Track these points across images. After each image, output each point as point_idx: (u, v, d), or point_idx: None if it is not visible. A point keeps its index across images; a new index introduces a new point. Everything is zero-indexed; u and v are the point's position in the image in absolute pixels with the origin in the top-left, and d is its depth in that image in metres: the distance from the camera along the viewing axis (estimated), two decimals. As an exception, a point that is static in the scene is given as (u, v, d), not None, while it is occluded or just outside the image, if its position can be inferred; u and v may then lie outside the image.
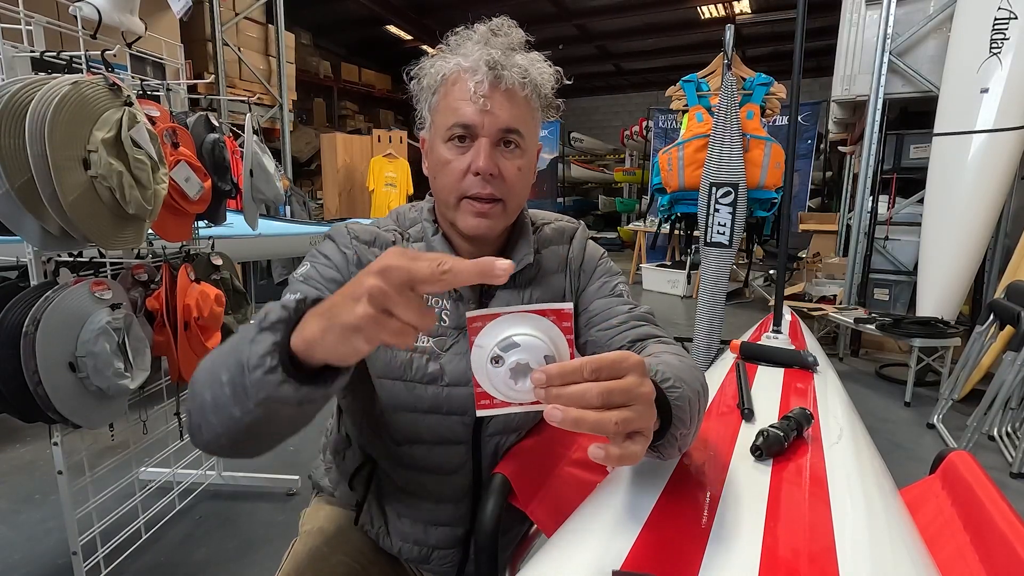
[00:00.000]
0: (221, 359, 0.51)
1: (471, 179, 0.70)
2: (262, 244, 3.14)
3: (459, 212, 0.73)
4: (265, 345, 0.45)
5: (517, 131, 0.71)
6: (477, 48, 0.70)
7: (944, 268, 3.35)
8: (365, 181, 6.02)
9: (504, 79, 0.69)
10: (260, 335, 0.46)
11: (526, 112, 0.72)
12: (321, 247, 0.79)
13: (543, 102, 0.75)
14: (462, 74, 0.70)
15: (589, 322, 0.84)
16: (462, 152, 0.71)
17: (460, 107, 0.69)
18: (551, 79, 0.75)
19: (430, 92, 0.74)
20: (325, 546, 0.82)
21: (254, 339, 0.46)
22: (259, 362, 0.45)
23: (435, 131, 0.73)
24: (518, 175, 0.73)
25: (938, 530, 0.63)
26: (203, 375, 0.53)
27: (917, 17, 3.67)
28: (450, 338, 0.77)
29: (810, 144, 6.24)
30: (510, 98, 0.70)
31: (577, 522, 0.63)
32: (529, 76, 0.71)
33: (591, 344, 0.83)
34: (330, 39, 9.05)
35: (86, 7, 1.44)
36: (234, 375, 0.48)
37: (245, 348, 0.47)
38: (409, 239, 0.80)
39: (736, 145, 2.47)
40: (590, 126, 12.48)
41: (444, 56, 0.72)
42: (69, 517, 1.42)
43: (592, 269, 0.87)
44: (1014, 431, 2.50)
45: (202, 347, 1.70)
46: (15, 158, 1.11)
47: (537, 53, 0.74)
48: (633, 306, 0.83)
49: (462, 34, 0.73)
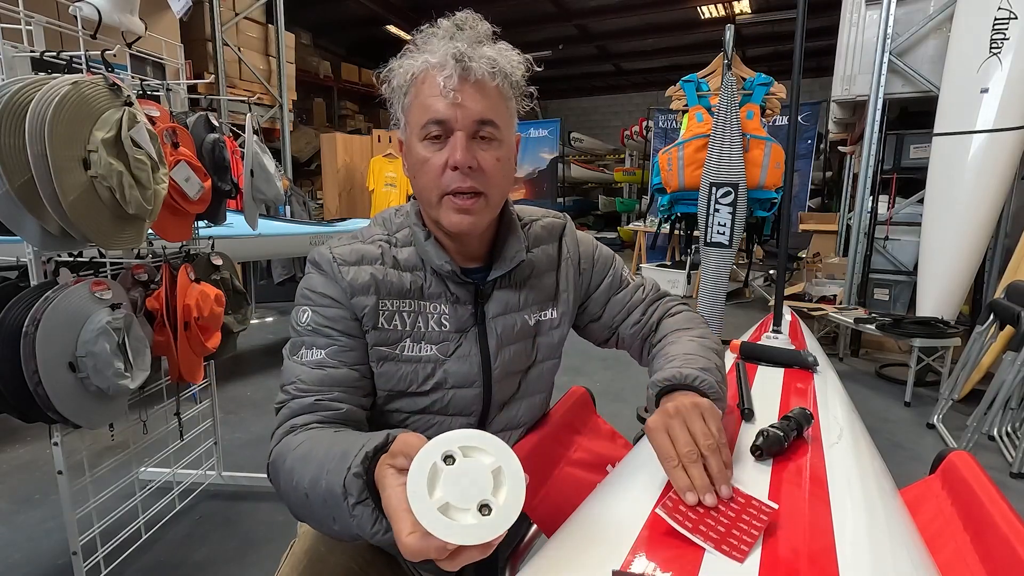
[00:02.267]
0: (319, 510, 0.59)
1: (450, 174, 0.70)
2: (262, 244, 3.14)
3: (442, 209, 0.72)
4: (368, 517, 0.54)
5: (491, 122, 0.70)
6: (443, 43, 0.69)
7: (944, 268, 3.35)
8: (365, 181, 6.02)
9: (472, 71, 0.68)
10: (356, 509, 0.54)
11: (499, 102, 0.72)
12: (311, 283, 0.76)
13: (516, 91, 0.74)
14: (430, 71, 0.69)
15: (613, 321, 0.91)
16: (439, 148, 0.70)
17: (431, 103, 0.68)
18: (521, 67, 0.74)
19: (401, 92, 0.73)
20: (323, 546, 0.82)
21: (352, 513, 0.55)
22: (374, 529, 0.54)
23: (410, 130, 0.73)
24: (497, 166, 0.72)
25: (938, 530, 0.63)
26: (301, 507, 0.63)
27: (917, 17, 3.66)
28: (452, 342, 0.77)
29: (810, 144, 6.24)
30: (480, 89, 0.69)
31: (577, 522, 0.63)
32: (498, 66, 0.70)
33: (622, 340, 0.92)
34: (330, 39, 9.04)
35: (86, 7, 1.44)
36: (350, 532, 0.57)
37: (346, 517, 0.55)
38: (397, 244, 0.79)
39: (736, 145, 2.47)
40: (590, 126, 12.48)
41: (411, 55, 0.71)
42: (69, 517, 1.42)
43: (592, 264, 0.91)
44: (1014, 431, 2.50)
45: (202, 347, 1.70)
46: (15, 158, 1.11)
47: (505, 43, 0.73)
48: (639, 287, 0.92)
49: (427, 31, 0.72)
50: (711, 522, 0.55)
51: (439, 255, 0.76)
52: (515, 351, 0.81)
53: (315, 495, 0.59)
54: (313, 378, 0.72)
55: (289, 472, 0.63)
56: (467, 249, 0.79)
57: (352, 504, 0.54)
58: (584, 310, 0.91)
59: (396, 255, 0.78)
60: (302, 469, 0.62)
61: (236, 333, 1.97)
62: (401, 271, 0.77)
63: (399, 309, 0.76)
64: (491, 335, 0.79)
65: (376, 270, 0.75)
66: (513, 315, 0.81)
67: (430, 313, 0.77)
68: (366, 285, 0.74)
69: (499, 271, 0.79)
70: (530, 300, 0.82)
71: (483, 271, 0.80)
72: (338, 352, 0.74)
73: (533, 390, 0.86)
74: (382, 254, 0.77)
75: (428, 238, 0.77)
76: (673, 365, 0.74)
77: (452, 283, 0.77)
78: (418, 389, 0.77)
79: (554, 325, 0.85)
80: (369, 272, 0.75)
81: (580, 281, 0.88)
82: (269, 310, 4.83)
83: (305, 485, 0.60)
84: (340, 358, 0.73)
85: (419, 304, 0.77)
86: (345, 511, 0.55)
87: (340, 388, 0.72)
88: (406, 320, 0.76)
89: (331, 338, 0.74)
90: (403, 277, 0.77)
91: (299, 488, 0.61)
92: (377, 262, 0.76)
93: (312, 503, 0.60)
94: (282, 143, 5.21)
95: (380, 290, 0.75)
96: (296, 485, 0.62)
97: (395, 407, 0.79)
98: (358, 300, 0.74)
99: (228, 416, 2.68)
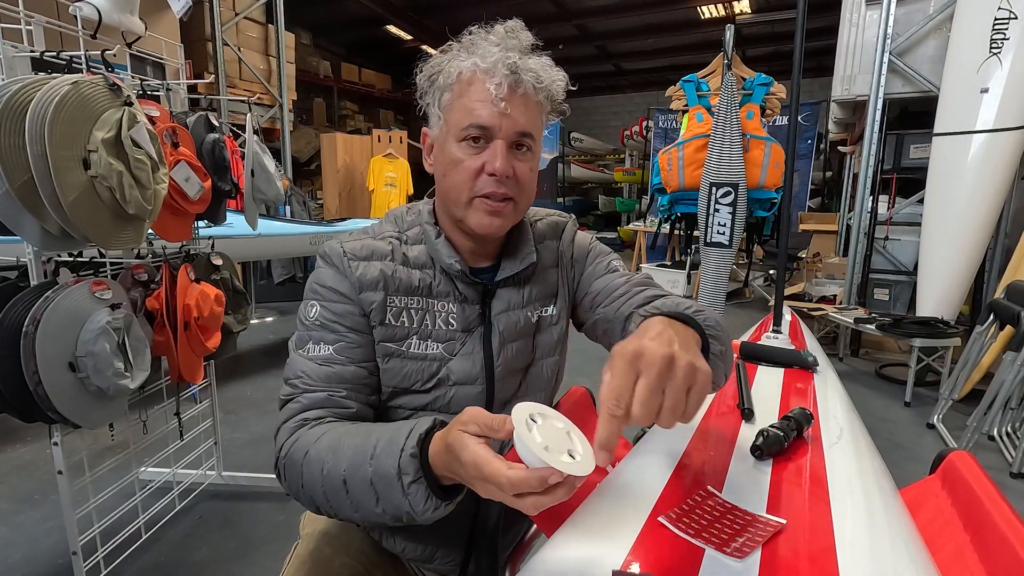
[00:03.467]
0: (361, 492, 0.61)
1: (485, 179, 0.71)
2: (262, 244, 3.14)
3: (471, 210, 0.73)
4: (422, 495, 0.57)
5: (531, 134, 0.72)
6: (495, 50, 0.70)
7: (944, 268, 3.35)
8: (365, 181, 6.02)
9: (522, 84, 0.70)
10: (411, 487, 0.57)
11: (538, 116, 0.74)
12: (320, 277, 0.76)
13: (550, 106, 0.76)
14: (479, 74, 0.69)
15: (593, 302, 0.87)
16: (476, 152, 0.71)
17: (477, 108, 0.69)
18: (562, 84, 0.75)
19: (442, 90, 0.73)
20: (328, 548, 0.82)
21: (407, 491, 0.57)
22: (427, 506, 0.57)
23: (447, 129, 0.73)
24: (530, 176, 0.74)
25: (938, 530, 0.63)
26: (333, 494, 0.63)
27: (917, 17, 3.67)
28: (458, 341, 0.78)
29: (810, 144, 6.24)
30: (526, 103, 0.71)
31: (577, 522, 0.63)
32: (544, 82, 0.72)
33: (600, 322, 0.86)
34: (330, 39, 9.04)
35: (86, 7, 1.44)
36: (397, 512, 0.59)
37: (397, 497, 0.58)
38: (408, 241, 0.79)
39: (736, 145, 2.47)
40: (590, 126, 12.47)
41: (459, 55, 0.72)
42: (69, 517, 1.42)
43: (584, 256, 0.90)
44: (1014, 431, 2.50)
45: (202, 347, 1.70)
46: (15, 158, 1.11)
47: (547, 58, 0.75)
48: (629, 276, 0.87)
49: (477, 34, 0.73)
50: (715, 531, 0.55)
51: (449, 254, 0.76)
52: (517, 348, 0.81)
53: (357, 480, 0.61)
54: (320, 374, 0.72)
55: (317, 462, 0.64)
56: (482, 248, 0.79)
57: (408, 483, 0.57)
58: (572, 299, 0.92)
59: (406, 252, 0.78)
60: (334, 458, 0.63)
61: (236, 333, 1.97)
62: (411, 268, 0.77)
63: (407, 306, 0.76)
64: (495, 333, 0.79)
65: (386, 266, 0.76)
66: (516, 312, 0.81)
67: (438, 311, 0.77)
68: (375, 280, 0.74)
69: (509, 271, 0.80)
70: (533, 296, 0.83)
71: (491, 270, 0.81)
72: (345, 348, 0.73)
73: (534, 388, 0.85)
74: (392, 251, 0.77)
75: (439, 236, 0.77)
76: (666, 303, 0.74)
77: (461, 283, 0.78)
78: (421, 387, 0.77)
79: (553, 322, 0.85)
80: (379, 268, 0.75)
81: (572, 274, 0.89)
82: (269, 310, 4.83)
83: (343, 471, 0.61)
84: (347, 355, 0.73)
85: (427, 302, 0.77)
86: (398, 491, 0.58)
87: (348, 386, 0.73)
88: (413, 317, 0.76)
89: (339, 334, 0.74)
90: (412, 274, 0.77)
91: (332, 476, 0.62)
92: (387, 258, 0.76)
93: (352, 489, 0.61)
94: (282, 143, 5.21)
95: (388, 286, 0.75)
96: (328, 474, 0.62)
97: (398, 403, 0.79)
98: (366, 295, 0.74)
99: (228, 416, 2.68)
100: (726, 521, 0.57)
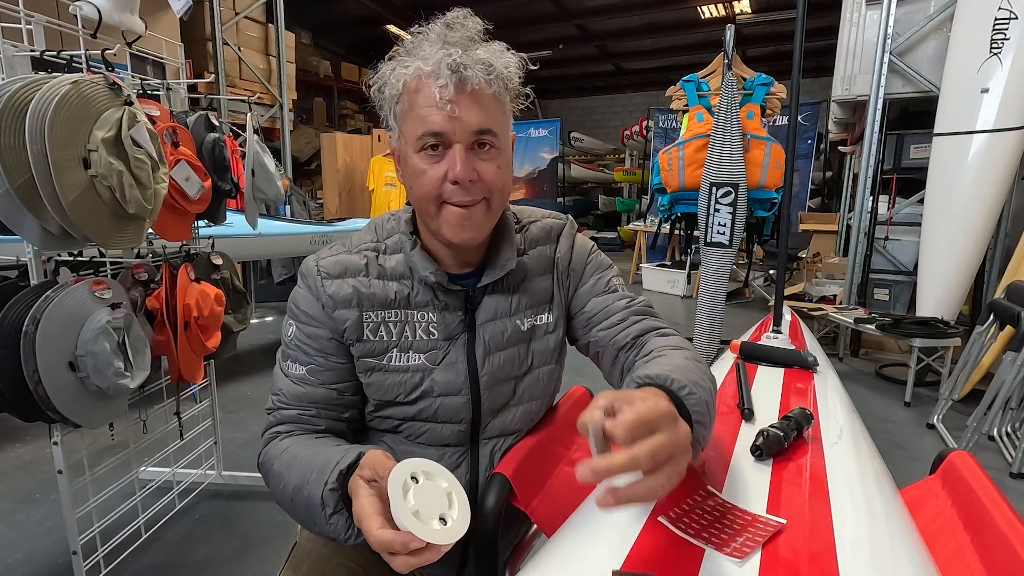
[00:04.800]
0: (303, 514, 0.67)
1: (449, 187, 0.68)
2: (262, 244, 3.14)
3: (441, 220, 0.70)
4: (342, 525, 0.63)
5: (490, 131, 0.68)
6: (435, 49, 0.65)
7: (944, 268, 3.35)
8: (365, 181, 6.01)
9: (469, 80, 0.64)
10: (332, 518, 0.63)
11: (496, 109, 0.69)
12: (296, 297, 0.78)
13: (511, 93, 0.71)
14: (423, 79, 0.65)
15: (588, 322, 0.83)
16: (436, 160, 0.67)
17: (427, 115, 0.65)
18: (518, 69, 0.70)
19: (393, 101, 0.69)
20: (325, 548, 0.82)
21: (329, 521, 0.63)
22: (348, 534, 0.63)
23: (404, 140, 0.70)
24: (497, 174, 0.70)
25: (938, 530, 0.63)
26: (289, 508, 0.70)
27: (917, 17, 3.66)
28: (440, 350, 0.76)
29: (810, 144, 6.24)
30: (478, 99, 0.66)
31: (577, 522, 0.63)
32: (495, 71, 0.66)
33: (593, 344, 0.83)
34: (330, 39, 9.04)
35: (86, 6, 1.43)
36: (332, 535, 0.64)
37: (324, 524, 0.64)
38: (386, 251, 0.77)
39: (736, 145, 2.47)
40: (590, 126, 12.47)
41: (402, 62, 0.68)
42: (69, 517, 1.42)
43: (583, 267, 0.85)
44: (1014, 431, 2.50)
45: (202, 347, 1.70)
46: (15, 157, 1.11)
47: (499, 43, 0.70)
48: (630, 299, 0.83)
49: (417, 35, 0.69)
50: (714, 531, 0.55)
51: (425, 265, 0.74)
52: (505, 357, 0.79)
53: (298, 501, 0.66)
54: (294, 393, 0.77)
55: (277, 476, 0.71)
56: (462, 255, 0.77)
57: (329, 514, 0.62)
58: (567, 309, 0.87)
59: (383, 263, 0.76)
60: (287, 475, 0.69)
61: (236, 333, 1.97)
62: (387, 280, 0.76)
63: (384, 320, 0.75)
64: (479, 342, 0.77)
65: (359, 282, 0.75)
66: (503, 321, 0.79)
67: (417, 322, 0.76)
68: (348, 298, 0.74)
69: (489, 278, 0.77)
70: (523, 305, 0.80)
71: (475, 276, 0.78)
72: (316, 371, 0.76)
73: (529, 397, 0.83)
74: (367, 265, 0.76)
75: (415, 247, 0.75)
76: (662, 366, 0.65)
77: (440, 291, 0.76)
78: (405, 399, 0.76)
79: (549, 330, 0.83)
80: (351, 285, 0.74)
81: (569, 282, 0.85)
82: (269, 310, 4.83)
83: (290, 491, 0.68)
84: (318, 377, 0.76)
85: (406, 313, 0.76)
86: (323, 518, 0.63)
87: (318, 406, 0.77)
88: (392, 330, 0.75)
89: (310, 356, 0.76)
90: (388, 287, 0.75)
91: (285, 492, 0.69)
92: (360, 274, 0.75)
93: (296, 507, 0.68)
94: (282, 143, 5.21)
95: (363, 302, 0.74)
96: (283, 489, 0.69)
97: (386, 414, 0.79)
98: (340, 313, 0.74)
99: (228, 416, 2.68)
100: (726, 521, 0.57)
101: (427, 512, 0.52)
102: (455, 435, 0.79)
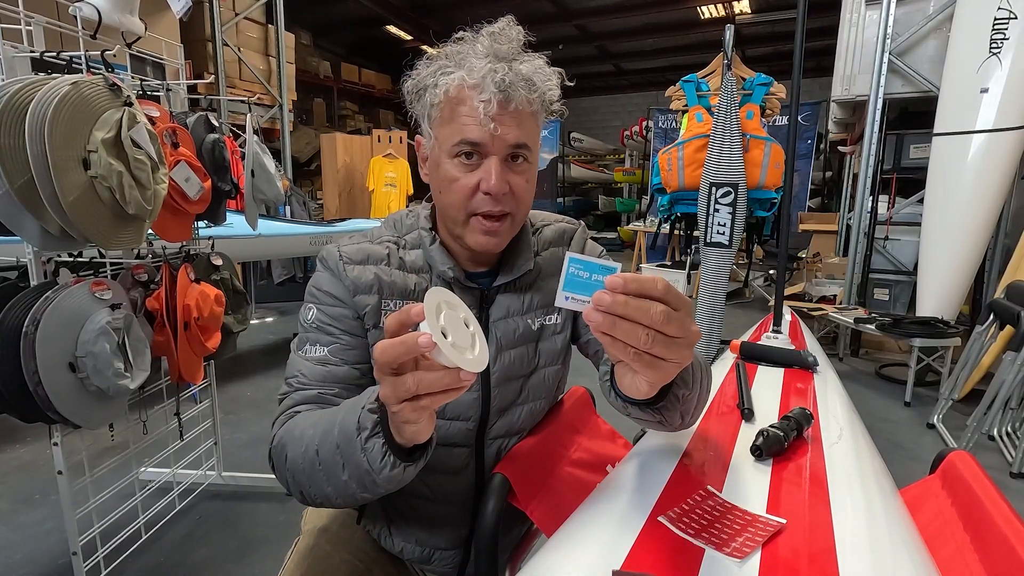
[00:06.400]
0: (330, 459, 0.59)
1: (481, 197, 0.69)
2: (262, 244, 3.14)
3: (467, 229, 0.72)
4: (378, 451, 0.55)
5: (525, 145, 0.70)
6: (482, 63, 0.66)
7: (944, 268, 3.35)
8: (365, 181, 6.02)
9: (513, 99, 0.66)
10: (368, 443, 0.55)
11: (533, 126, 0.71)
12: (317, 281, 0.77)
13: (547, 108, 0.73)
14: (466, 90, 0.66)
15: None
16: (470, 169, 0.69)
17: (467, 125, 0.67)
18: (556, 85, 0.72)
19: (430, 105, 0.70)
20: (328, 544, 0.82)
21: (364, 447, 0.56)
22: (383, 464, 0.56)
23: (439, 146, 0.71)
24: (527, 188, 0.72)
25: (938, 530, 0.63)
26: (309, 469, 0.62)
27: (917, 17, 3.67)
28: None
29: (810, 144, 6.24)
30: (518, 117, 0.68)
31: (577, 522, 0.63)
32: (537, 90, 0.69)
33: (592, 342, 0.84)
34: (330, 39, 9.05)
35: (86, 7, 1.44)
36: (359, 475, 0.57)
37: (357, 454, 0.56)
38: (406, 246, 0.79)
39: (736, 145, 2.47)
40: (590, 126, 12.47)
41: (445, 68, 0.68)
42: (69, 517, 1.42)
43: None
44: (1014, 431, 2.50)
45: (202, 347, 1.70)
46: (15, 158, 1.11)
47: (541, 58, 0.71)
48: None
49: (464, 42, 0.70)
50: (714, 531, 0.55)
51: (444, 260, 0.76)
52: (515, 356, 0.81)
53: (327, 446, 0.60)
54: (315, 374, 0.73)
55: (299, 439, 0.64)
56: (480, 256, 0.78)
57: (365, 438, 0.56)
58: None
59: (404, 257, 0.78)
60: (312, 431, 0.63)
61: (236, 333, 1.97)
62: (407, 272, 0.77)
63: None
64: (492, 340, 0.79)
65: (381, 270, 0.76)
66: (515, 319, 0.80)
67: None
68: (369, 284, 0.75)
69: (505, 278, 0.79)
70: (535, 304, 0.82)
71: (490, 275, 0.80)
72: (340, 350, 0.74)
73: (535, 396, 0.85)
74: (388, 255, 0.77)
75: (434, 243, 0.77)
76: None
77: (457, 288, 0.77)
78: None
79: (556, 330, 0.84)
80: (373, 272, 0.75)
81: None
82: (269, 310, 4.83)
83: (316, 443, 0.61)
84: (341, 356, 0.74)
85: None
86: (357, 449, 0.56)
87: (341, 385, 0.74)
88: None
89: (334, 336, 0.75)
90: (408, 279, 0.77)
91: (308, 449, 0.62)
92: (383, 262, 0.77)
93: (322, 458, 0.61)
94: (282, 143, 5.21)
95: (383, 290, 0.75)
96: (306, 449, 0.62)
97: None
98: (360, 298, 0.75)
99: (228, 416, 2.68)
100: (726, 521, 0.57)
101: (454, 338, 0.49)
102: (462, 433, 0.79)
